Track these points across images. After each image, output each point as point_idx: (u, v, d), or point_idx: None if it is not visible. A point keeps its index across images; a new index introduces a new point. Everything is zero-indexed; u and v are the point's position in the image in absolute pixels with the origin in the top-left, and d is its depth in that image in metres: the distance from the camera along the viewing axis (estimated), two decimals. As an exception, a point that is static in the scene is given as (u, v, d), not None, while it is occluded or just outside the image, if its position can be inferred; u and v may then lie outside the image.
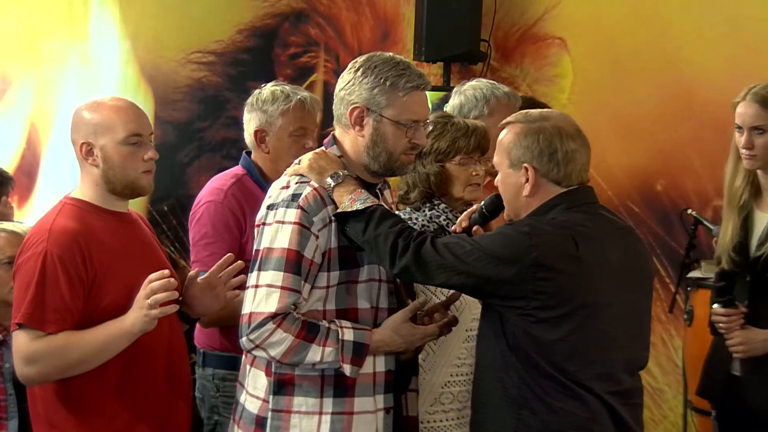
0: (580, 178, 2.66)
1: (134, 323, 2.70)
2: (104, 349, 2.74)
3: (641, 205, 5.08)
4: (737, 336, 3.30)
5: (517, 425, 2.57)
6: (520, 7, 5.39)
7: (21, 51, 6.18)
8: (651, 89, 5.12)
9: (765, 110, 3.29)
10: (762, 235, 3.32)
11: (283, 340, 2.61)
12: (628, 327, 2.67)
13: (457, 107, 3.63)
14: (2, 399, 3.46)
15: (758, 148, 3.31)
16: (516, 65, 5.44)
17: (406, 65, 2.73)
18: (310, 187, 2.68)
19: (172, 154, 5.82)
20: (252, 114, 3.48)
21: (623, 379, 2.62)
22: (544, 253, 2.51)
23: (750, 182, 3.39)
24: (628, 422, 2.61)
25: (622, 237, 2.70)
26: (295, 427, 2.68)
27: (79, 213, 2.85)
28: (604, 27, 5.22)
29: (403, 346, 2.75)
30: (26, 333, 2.73)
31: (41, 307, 2.71)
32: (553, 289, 2.52)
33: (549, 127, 2.63)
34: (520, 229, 2.57)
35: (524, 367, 2.56)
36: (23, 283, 2.75)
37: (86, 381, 2.78)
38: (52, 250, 2.74)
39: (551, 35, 5.36)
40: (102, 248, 2.81)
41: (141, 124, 2.89)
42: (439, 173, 3.17)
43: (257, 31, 5.83)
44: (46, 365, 2.74)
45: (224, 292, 2.96)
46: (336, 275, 2.69)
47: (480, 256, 2.54)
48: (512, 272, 2.52)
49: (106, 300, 2.78)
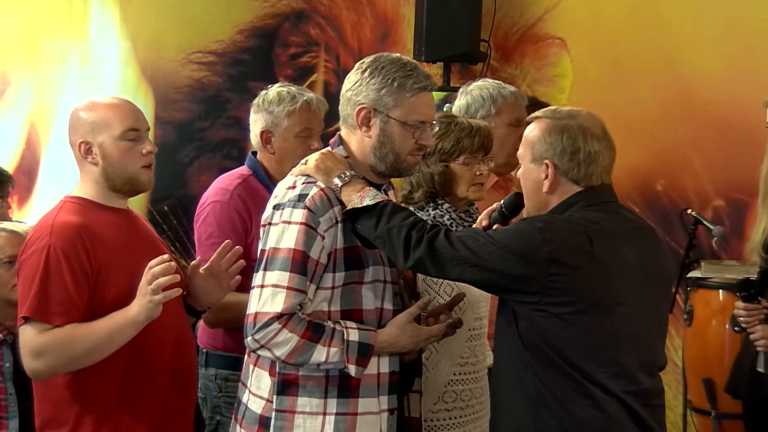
0: (602, 179, 2.64)
1: (140, 311, 2.70)
2: (111, 340, 2.73)
3: (641, 205, 5.08)
4: (759, 330, 3.30)
5: (536, 423, 2.54)
6: (519, 7, 5.38)
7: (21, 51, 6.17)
8: (650, 89, 5.12)
9: None
10: None
11: (288, 340, 2.59)
12: (645, 327, 2.64)
13: (464, 107, 3.64)
14: (2, 398, 3.45)
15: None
16: (516, 65, 5.44)
17: (413, 66, 2.72)
18: (317, 188, 2.67)
19: (172, 154, 5.82)
20: (258, 115, 3.48)
21: (642, 380, 2.59)
22: (557, 249, 2.49)
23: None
24: (650, 424, 2.58)
25: (641, 237, 2.68)
26: (299, 427, 2.67)
27: (80, 209, 2.85)
28: (603, 27, 5.22)
29: (408, 347, 2.74)
30: (32, 326, 2.72)
31: (46, 299, 2.71)
32: (566, 285, 2.50)
33: (575, 126, 2.62)
34: (534, 224, 2.56)
35: (539, 365, 2.54)
36: (27, 278, 2.75)
37: (92, 377, 2.77)
38: (55, 243, 2.73)
39: (551, 35, 5.36)
40: (105, 242, 2.81)
41: (137, 119, 2.89)
42: (443, 173, 3.16)
43: (258, 31, 5.82)
44: (53, 358, 2.72)
45: (227, 280, 2.98)
46: (341, 276, 2.68)
47: (494, 250, 2.53)
48: (525, 267, 2.50)
49: (112, 293, 2.78)
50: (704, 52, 5.01)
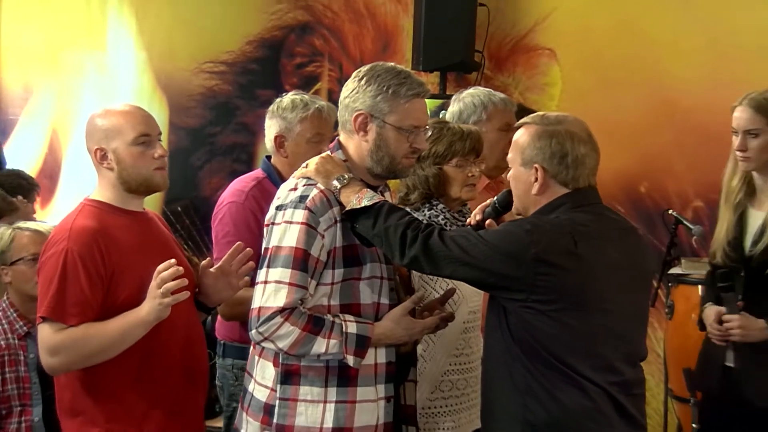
0: (588, 181, 2.63)
1: (149, 312, 2.70)
2: (122, 339, 2.74)
3: (626, 206, 5.07)
4: (736, 320, 3.23)
5: (525, 412, 2.54)
6: (512, 19, 5.37)
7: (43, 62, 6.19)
8: (634, 97, 5.12)
9: (759, 115, 3.27)
10: (756, 233, 3.29)
11: (290, 332, 2.59)
12: (628, 321, 2.63)
13: (456, 113, 3.63)
14: (27, 387, 3.47)
15: (752, 151, 3.29)
16: (508, 74, 5.43)
17: (407, 74, 2.72)
18: (317, 189, 2.66)
19: (185, 158, 5.83)
20: (273, 120, 3.47)
21: (625, 371, 2.59)
22: (543, 250, 2.49)
23: (746, 182, 3.37)
24: (630, 411, 2.58)
25: (624, 237, 2.67)
26: (301, 414, 2.67)
27: (97, 213, 2.85)
28: (590, 39, 5.22)
29: (404, 338, 2.73)
30: (49, 326, 2.73)
31: (63, 301, 2.71)
32: (552, 284, 2.50)
33: (563, 131, 2.61)
34: (522, 226, 2.56)
35: (528, 358, 2.54)
36: (46, 279, 2.75)
37: (108, 370, 2.77)
38: (72, 248, 2.73)
39: (541, 46, 5.35)
40: (119, 246, 2.80)
41: (148, 125, 2.89)
42: (437, 175, 3.16)
43: (265, 42, 5.82)
44: (68, 355, 2.73)
45: (237, 279, 2.98)
46: (340, 272, 2.68)
47: (484, 250, 2.53)
48: (514, 267, 2.50)
49: (124, 294, 2.77)
50: (684, 63, 5.01)
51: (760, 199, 3.34)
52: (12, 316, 3.53)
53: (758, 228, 3.29)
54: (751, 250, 3.28)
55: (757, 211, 3.34)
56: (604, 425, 2.54)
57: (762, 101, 3.28)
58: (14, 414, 3.44)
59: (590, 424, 2.52)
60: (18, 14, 6.22)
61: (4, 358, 3.45)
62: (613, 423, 2.55)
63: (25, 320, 3.49)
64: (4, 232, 3.58)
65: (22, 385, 3.46)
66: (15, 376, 3.46)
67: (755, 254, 3.26)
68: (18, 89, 6.25)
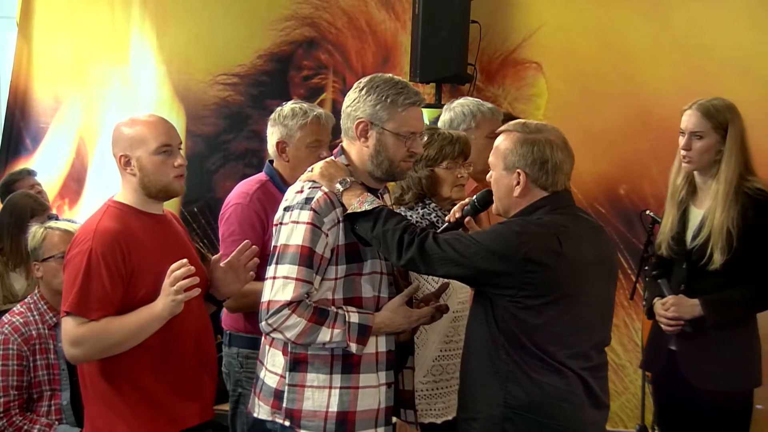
0: (564, 184, 2.66)
1: (164, 308, 2.70)
2: (139, 332, 2.74)
3: (606, 207, 5.06)
4: (670, 299, 3.33)
5: (506, 396, 2.56)
6: (502, 35, 5.37)
7: (71, 74, 6.19)
8: (614, 107, 5.12)
9: (705, 119, 3.30)
10: (696, 228, 3.33)
11: (297, 323, 2.59)
12: (599, 313, 2.67)
13: (447, 122, 3.62)
14: (56, 373, 3.47)
15: (694, 152, 3.32)
16: (498, 86, 5.42)
17: (404, 84, 2.71)
18: (322, 192, 2.66)
19: (201, 162, 5.82)
20: (274, 128, 3.46)
21: (594, 357, 2.63)
22: (532, 250, 2.50)
23: (689, 182, 3.41)
24: (596, 391, 2.62)
25: (595, 235, 2.69)
26: (309, 399, 2.67)
27: (120, 215, 2.84)
28: (574, 54, 5.22)
29: (402, 327, 2.73)
30: (73, 319, 2.73)
31: (86, 297, 2.71)
32: (539, 281, 2.51)
33: (542, 139, 2.62)
34: (512, 228, 2.56)
35: (511, 346, 2.55)
36: (71, 276, 2.75)
37: (128, 360, 2.78)
38: (96, 248, 2.73)
39: (529, 60, 5.34)
40: (139, 246, 2.80)
41: (170, 136, 2.88)
42: (429, 176, 3.17)
43: (275, 56, 5.81)
44: (89, 347, 2.73)
45: (244, 274, 2.99)
46: (343, 268, 2.67)
47: (477, 250, 2.53)
48: (505, 265, 2.51)
49: (142, 291, 2.77)
50: (659, 75, 5.02)
51: (701, 198, 3.38)
52: (43, 308, 3.52)
53: (698, 225, 3.33)
54: (692, 244, 3.32)
55: (697, 209, 3.38)
56: (576, 406, 2.57)
57: (710, 107, 3.31)
58: (45, 398, 3.45)
59: (564, 405, 2.55)
60: (49, 32, 6.22)
61: (35, 346, 3.45)
62: (583, 403, 2.59)
63: (55, 312, 3.48)
64: (36, 230, 3.57)
65: (52, 372, 3.46)
66: (46, 363, 3.46)
67: (695, 248, 3.30)
68: (48, 100, 6.24)
